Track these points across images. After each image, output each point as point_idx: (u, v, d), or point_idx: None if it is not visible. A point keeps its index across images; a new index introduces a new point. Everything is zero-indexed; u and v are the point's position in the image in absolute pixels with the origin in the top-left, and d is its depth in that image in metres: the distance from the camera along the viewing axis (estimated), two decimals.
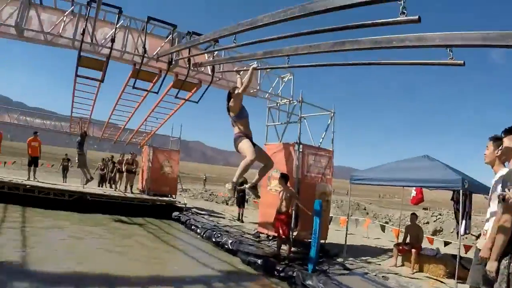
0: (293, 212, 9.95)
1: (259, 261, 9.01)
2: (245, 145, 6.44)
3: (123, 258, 9.20)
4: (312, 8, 3.81)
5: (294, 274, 7.95)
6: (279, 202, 9.40)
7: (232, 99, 6.74)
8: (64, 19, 9.42)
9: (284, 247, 9.66)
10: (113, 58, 9.70)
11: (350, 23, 4.07)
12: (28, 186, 14.83)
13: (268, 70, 11.50)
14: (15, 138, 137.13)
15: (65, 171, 22.01)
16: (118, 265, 8.38)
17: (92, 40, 9.26)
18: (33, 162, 17.08)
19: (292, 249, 9.65)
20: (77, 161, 16.52)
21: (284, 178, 9.49)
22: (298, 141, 11.13)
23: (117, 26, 9.19)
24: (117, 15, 9.15)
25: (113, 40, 8.96)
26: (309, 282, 7.48)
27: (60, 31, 9.39)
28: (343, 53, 5.21)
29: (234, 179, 6.33)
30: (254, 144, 6.65)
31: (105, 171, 20.55)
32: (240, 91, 6.72)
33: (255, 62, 9.76)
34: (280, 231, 9.27)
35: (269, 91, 11.90)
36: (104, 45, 9.53)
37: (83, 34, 8.73)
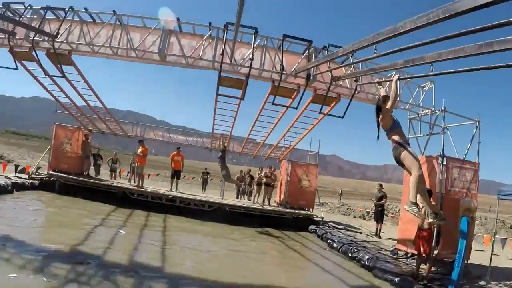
0: (435, 229, 9.35)
1: (396, 280, 8.63)
2: (411, 155, 5.86)
3: (258, 266, 9.44)
4: (457, 8, 3.46)
5: None
6: (421, 219, 8.88)
7: (381, 117, 6.33)
8: (203, 43, 10.19)
9: (424, 266, 9.12)
10: (252, 76, 10.13)
11: (492, 23, 3.68)
12: (170, 196, 16.03)
13: (407, 80, 11.01)
14: (159, 153, 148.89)
15: (204, 184, 23.05)
16: (253, 273, 8.64)
17: (231, 61, 9.79)
18: (176, 174, 18.37)
19: (432, 268, 9.08)
20: (222, 174, 17.41)
21: (428, 193, 8.98)
22: (441, 154, 10.57)
23: (254, 46, 9.57)
24: (254, 35, 9.54)
25: (251, 59, 9.31)
26: None
27: (200, 54, 10.13)
28: (490, 55, 4.72)
29: (412, 199, 5.77)
30: None
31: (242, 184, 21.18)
32: (388, 107, 6.22)
33: (395, 72, 9.49)
34: (421, 249, 8.76)
35: (410, 102, 11.43)
36: (243, 65, 10.03)
37: (222, 55, 9.21)
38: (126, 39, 10.59)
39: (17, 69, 11.71)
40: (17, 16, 10.86)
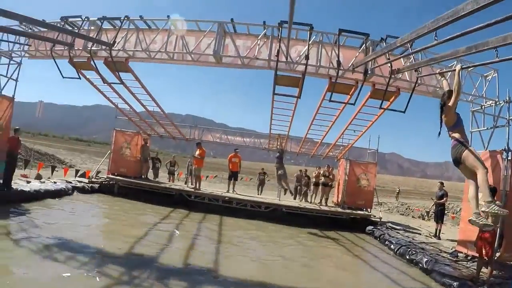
0: (498, 230, 8.81)
1: (455, 284, 8.19)
2: (473, 153, 5.54)
3: (314, 270, 9.32)
4: None
5: None
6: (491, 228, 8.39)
7: (444, 113, 5.94)
8: (258, 42, 10.16)
9: (485, 270, 8.58)
10: (309, 73, 9.99)
11: None
12: (227, 198, 16.24)
13: (470, 69, 10.47)
14: (218, 155, 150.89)
15: (261, 185, 22.39)
16: (308, 277, 8.56)
17: (286, 59, 9.70)
18: (233, 176, 18.59)
19: (493, 272, 8.54)
20: (277, 174, 17.38)
21: (491, 191, 8.49)
22: (506, 148, 9.95)
23: (309, 43, 9.43)
24: (309, 32, 9.36)
25: (307, 57, 9.20)
26: None
27: (256, 54, 10.11)
28: None
29: (487, 199, 5.27)
30: None
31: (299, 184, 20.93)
32: (452, 103, 5.81)
33: (456, 62, 9.08)
34: (483, 251, 8.27)
35: (472, 93, 10.87)
36: (299, 62, 9.91)
37: (277, 54, 9.14)
38: (181, 43, 10.77)
39: (79, 78, 12.17)
40: (75, 28, 11.32)
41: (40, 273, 6.16)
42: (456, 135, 5.84)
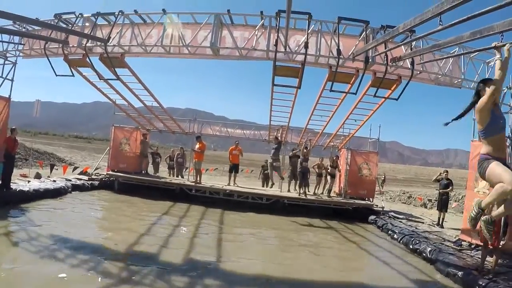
0: (503, 218, 8.67)
1: (459, 273, 8.09)
2: (496, 170, 4.22)
3: (317, 260, 9.27)
4: None
5: None
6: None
7: (476, 109, 4.58)
8: (256, 33, 9.99)
9: (490, 259, 8.48)
10: (308, 63, 9.85)
11: None
12: (227, 191, 16.22)
13: (472, 55, 10.37)
14: (218, 148, 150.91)
15: (265, 181, 21.25)
16: (311, 267, 8.53)
17: (285, 49, 9.55)
18: (234, 168, 18.38)
19: (498, 261, 8.41)
20: (272, 166, 17.37)
21: None
22: (510, 136, 9.95)
23: (308, 32, 9.27)
24: (307, 21, 9.22)
25: (306, 46, 9.07)
26: None
27: (254, 45, 9.96)
28: None
29: (483, 204, 4.50)
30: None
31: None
32: (485, 97, 4.38)
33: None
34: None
35: (475, 80, 10.66)
36: (298, 52, 9.78)
37: (276, 44, 9.00)
38: (177, 37, 10.58)
39: (73, 75, 12.05)
40: (69, 25, 11.14)
41: (38, 273, 6.08)
42: (488, 147, 4.48)
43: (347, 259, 9.71)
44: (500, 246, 8.49)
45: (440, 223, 14.48)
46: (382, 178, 20.58)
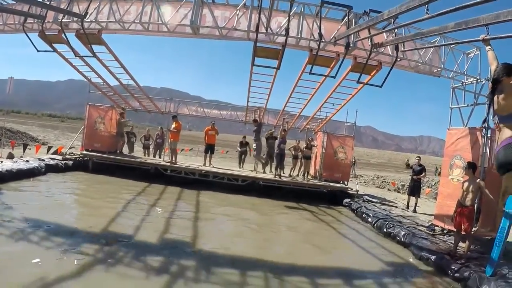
0: (476, 205, 8.85)
1: (432, 258, 8.28)
2: None
3: (290, 242, 9.43)
4: None
5: (470, 276, 7.03)
6: (463, 194, 8.38)
7: (504, 95, 4.64)
8: (238, 13, 9.86)
9: (462, 244, 8.71)
10: (289, 46, 9.83)
11: None
12: (203, 171, 16.12)
13: (452, 46, 10.50)
14: (194, 128, 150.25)
15: (242, 156, 20.67)
16: (283, 248, 8.68)
17: (266, 30, 9.48)
18: (209, 149, 18.36)
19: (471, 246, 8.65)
20: (254, 148, 17.34)
21: (472, 167, 8.45)
22: (486, 125, 9.89)
23: (290, 14, 9.21)
24: (290, 3, 9.15)
25: (287, 28, 9.03)
26: (485, 286, 6.54)
27: (235, 24, 9.84)
28: None
29: None
30: None
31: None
32: None
33: (439, 37, 9.03)
34: (462, 226, 8.37)
35: (454, 69, 10.87)
36: (279, 34, 9.70)
37: (257, 25, 8.91)
38: (157, 14, 10.34)
39: (53, 51, 11.75)
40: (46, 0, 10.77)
41: (11, 258, 5.88)
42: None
43: (322, 242, 9.74)
44: (472, 232, 8.68)
45: (414, 208, 14.77)
46: (353, 161, 20.78)
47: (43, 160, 15.03)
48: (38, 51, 11.43)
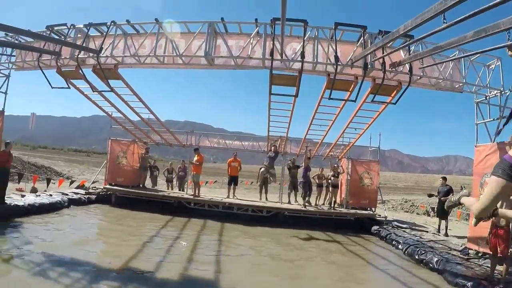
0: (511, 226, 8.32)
1: (469, 284, 7.78)
2: None
3: (316, 273, 9.04)
4: None
5: None
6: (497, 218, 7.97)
7: None
8: (251, 41, 9.81)
9: (499, 268, 8.23)
10: (306, 71, 9.69)
11: None
12: (227, 204, 15.99)
13: (472, 59, 10.21)
14: (218, 160, 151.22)
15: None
16: (310, 280, 8.29)
17: (282, 57, 9.37)
18: (233, 181, 18.16)
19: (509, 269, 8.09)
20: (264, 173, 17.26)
21: None
22: None
23: (305, 39, 9.12)
24: (303, 28, 9.05)
25: (303, 53, 8.89)
26: None
27: (249, 53, 9.76)
28: None
29: None
30: None
31: None
32: None
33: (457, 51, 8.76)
34: (498, 248, 7.91)
35: (476, 83, 10.50)
36: (295, 60, 9.59)
37: (272, 52, 8.82)
38: (171, 47, 10.39)
39: (68, 87, 11.89)
40: (62, 36, 10.97)
41: None
42: None
43: (352, 272, 9.39)
44: (509, 254, 8.20)
45: (445, 231, 14.21)
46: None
47: (66, 194, 15.17)
48: (52, 87, 11.65)
